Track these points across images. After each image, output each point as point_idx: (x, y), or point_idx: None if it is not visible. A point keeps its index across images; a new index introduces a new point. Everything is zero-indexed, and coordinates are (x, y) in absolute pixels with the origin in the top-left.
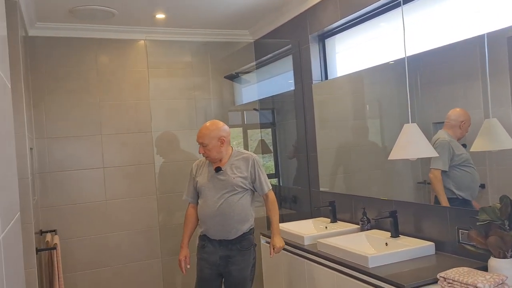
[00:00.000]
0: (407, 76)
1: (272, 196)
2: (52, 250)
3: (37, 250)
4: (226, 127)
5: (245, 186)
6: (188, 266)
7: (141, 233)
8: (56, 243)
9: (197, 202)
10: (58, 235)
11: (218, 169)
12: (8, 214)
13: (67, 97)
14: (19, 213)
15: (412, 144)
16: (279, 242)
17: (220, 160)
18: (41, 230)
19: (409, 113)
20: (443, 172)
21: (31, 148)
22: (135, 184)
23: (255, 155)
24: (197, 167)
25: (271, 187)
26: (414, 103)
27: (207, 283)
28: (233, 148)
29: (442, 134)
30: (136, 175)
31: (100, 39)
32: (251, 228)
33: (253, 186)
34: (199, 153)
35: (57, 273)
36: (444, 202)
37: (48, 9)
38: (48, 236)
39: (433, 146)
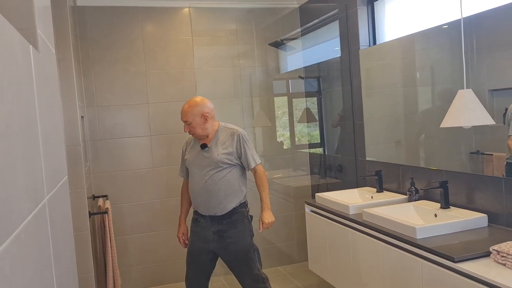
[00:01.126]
0: (463, 39)
1: (260, 170)
2: (104, 214)
3: (90, 214)
4: (209, 103)
5: (230, 162)
6: (187, 242)
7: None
8: (107, 208)
9: None
10: (109, 200)
11: (203, 146)
12: (54, 178)
13: (115, 67)
14: (66, 177)
15: (466, 111)
16: (267, 218)
17: (207, 137)
18: (93, 195)
19: (464, 78)
20: None
21: (82, 116)
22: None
23: (241, 129)
24: (187, 144)
25: (259, 162)
26: (469, 69)
27: (195, 257)
28: (220, 123)
29: None
30: (181, 144)
31: (145, 8)
32: (242, 203)
33: (241, 161)
34: (185, 132)
35: (108, 236)
36: None
37: None
38: (100, 201)
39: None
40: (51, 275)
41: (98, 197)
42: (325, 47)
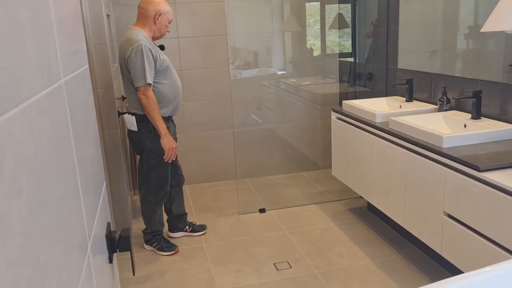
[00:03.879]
0: None
1: None
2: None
3: (119, 113)
4: None
5: None
6: None
7: (214, 103)
8: None
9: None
10: None
11: (163, 47)
12: (72, 62)
13: None
14: (87, 66)
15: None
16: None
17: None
18: (122, 96)
19: None
20: None
21: (108, 15)
22: (208, 55)
23: None
24: (152, 48)
25: None
26: None
27: (172, 163)
28: None
29: None
30: (209, 46)
31: None
32: None
33: None
34: (167, 31)
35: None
36: None
37: None
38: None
39: None
40: (72, 155)
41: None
42: None
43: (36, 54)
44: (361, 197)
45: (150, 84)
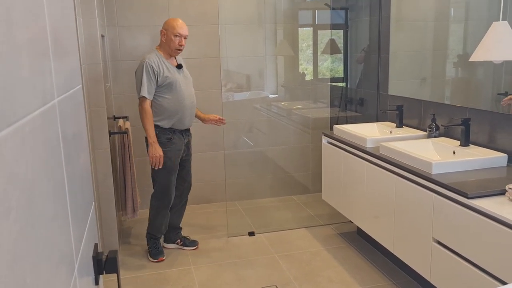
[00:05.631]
0: None
1: None
2: (123, 134)
3: (110, 133)
4: None
5: None
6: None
7: (205, 124)
8: (127, 128)
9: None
10: (129, 122)
11: (180, 66)
12: (66, 83)
13: None
14: (80, 86)
15: (499, 45)
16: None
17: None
18: (114, 116)
19: (501, 9)
20: None
21: (102, 35)
22: (201, 77)
23: None
24: (157, 65)
25: None
26: (507, 2)
27: (175, 173)
28: None
29: None
30: (202, 68)
31: None
32: None
33: None
34: (179, 45)
35: (128, 155)
36: None
37: None
38: (121, 122)
39: None
40: (62, 174)
41: (119, 117)
42: None
43: (31, 73)
44: (351, 221)
45: (145, 97)
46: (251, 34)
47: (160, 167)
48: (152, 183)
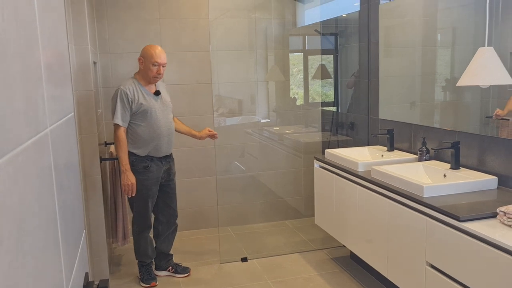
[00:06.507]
0: None
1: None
2: (115, 160)
3: (101, 159)
4: None
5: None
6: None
7: (197, 150)
8: None
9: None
10: None
11: (158, 93)
12: (58, 111)
13: (128, 12)
14: (72, 114)
15: (485, 70)
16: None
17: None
18: (105, 142)
19: (486, 36)
20: None
21: (94, 62)
22: (193, 103)
23: None
24: (132, 92)
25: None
26: (492, 29)
27: (152, 200)
28: None
29: None
30: (194, 94)
31: None
32: None
33: None
34: (157, 74)
35: (119, 181)
36: None
37: None
38: (112, 148)
39: None
40: (53, 203)
41: (110, 144)
42: (344, 1)
43: (25, 104)
44: (344, 246)
45: (118, 125)
46: (243, 60)
47: (133, 195)
48: (130, 208)
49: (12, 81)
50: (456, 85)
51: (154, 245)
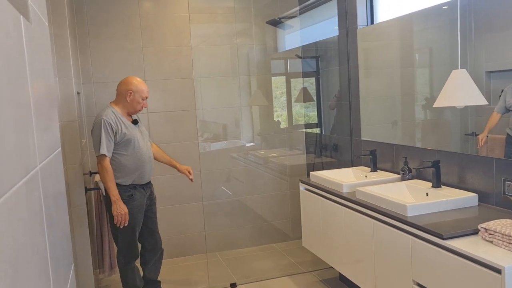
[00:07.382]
0: (459, 19)
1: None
2: (100, 190)
3: (86, 189)
4: None
5: None
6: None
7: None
8: None
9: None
10: None
11: (136, 122)
12: (47, 148)
13: (112, 43)
14: (59, 149)
15: (460, 91)
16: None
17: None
18: (90, 171)
19: (459, 58)
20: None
21: (78, 93)
22: (178, 129)
23: None
24: (114, 122)
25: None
26: (465, 50)
27: (139, 228)
28: None
29: None
30: (178, 121)
31: None
32: None
33: None
34: (144, 107)
35: (105, 211)
36: None
37: None
38: (97, 177)
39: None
40: (44, 241)
41: (95, 173)
42: (323, 26)
43: (16, 146)
44: (332, 267)
45: (104, 155)
46: (226, 85)
47: (125, 224)
48: (115, 240)
49: (3, 127)
50: (433, 106)
51: (142, 273)
